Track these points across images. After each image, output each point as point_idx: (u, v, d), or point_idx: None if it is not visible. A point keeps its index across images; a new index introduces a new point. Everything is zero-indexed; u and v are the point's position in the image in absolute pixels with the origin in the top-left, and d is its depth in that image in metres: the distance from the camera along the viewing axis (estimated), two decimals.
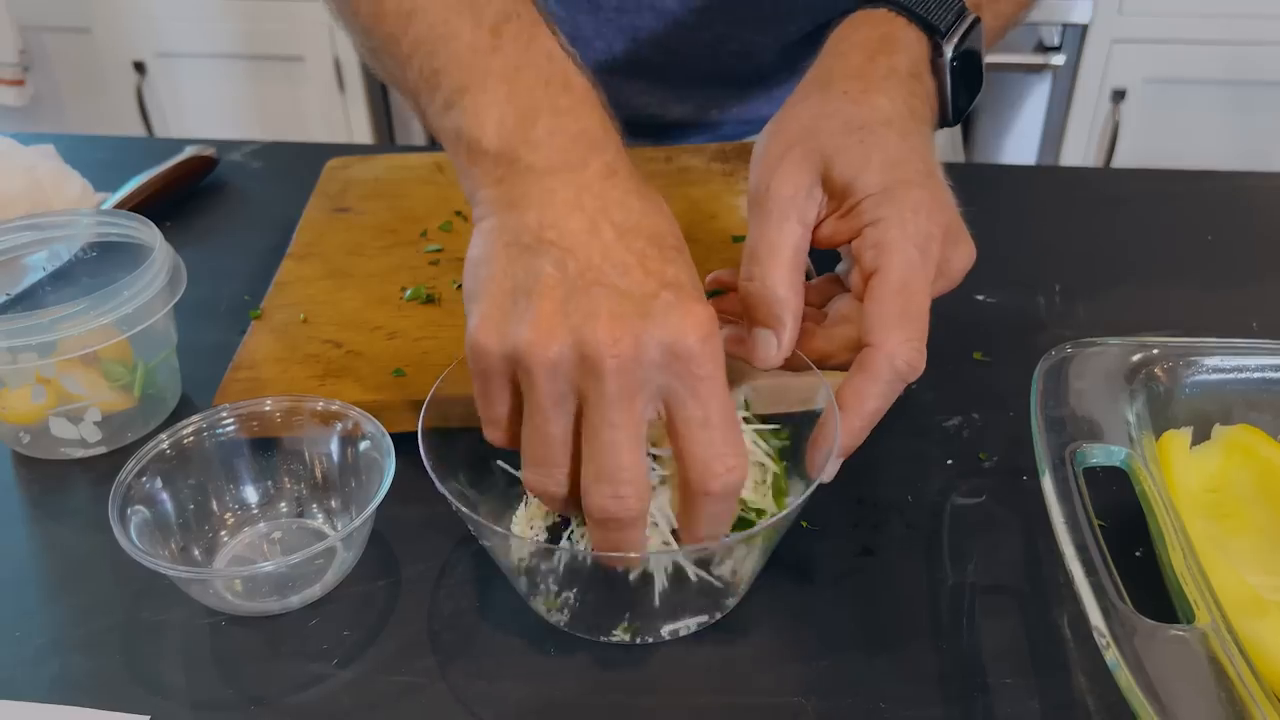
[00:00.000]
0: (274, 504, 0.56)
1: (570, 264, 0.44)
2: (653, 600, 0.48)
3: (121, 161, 0.91)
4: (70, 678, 0.49)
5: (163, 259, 0.61)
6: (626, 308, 0.43)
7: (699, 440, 0.43)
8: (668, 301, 0.43)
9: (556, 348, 0.42)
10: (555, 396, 0.43)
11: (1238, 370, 0.55)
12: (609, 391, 0.42)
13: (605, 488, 0.43)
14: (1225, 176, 0.90)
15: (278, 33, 2.14)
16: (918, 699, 0.47)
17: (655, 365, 0.43)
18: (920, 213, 0.50)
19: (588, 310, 0.43)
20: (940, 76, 0.57)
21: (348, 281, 0.71)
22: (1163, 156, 1.95)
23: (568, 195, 0.45)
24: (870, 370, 0.48)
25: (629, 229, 0.45)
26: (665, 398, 0.44)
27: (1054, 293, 0.74)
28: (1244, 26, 1.85)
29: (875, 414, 0.49)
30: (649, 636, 0.50)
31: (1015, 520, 0.56)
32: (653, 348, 0.42)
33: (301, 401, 0.56)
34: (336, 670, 0.49)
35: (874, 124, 0.53)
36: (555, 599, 0.49)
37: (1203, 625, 0.41)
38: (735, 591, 0.51)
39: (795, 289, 0.51)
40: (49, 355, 0.57)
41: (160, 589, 0.52)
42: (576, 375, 0.43)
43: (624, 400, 0.43)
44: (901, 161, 0.52)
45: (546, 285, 0.44)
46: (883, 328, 0.48)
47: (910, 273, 0.49)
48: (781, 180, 0.52)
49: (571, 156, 0.46)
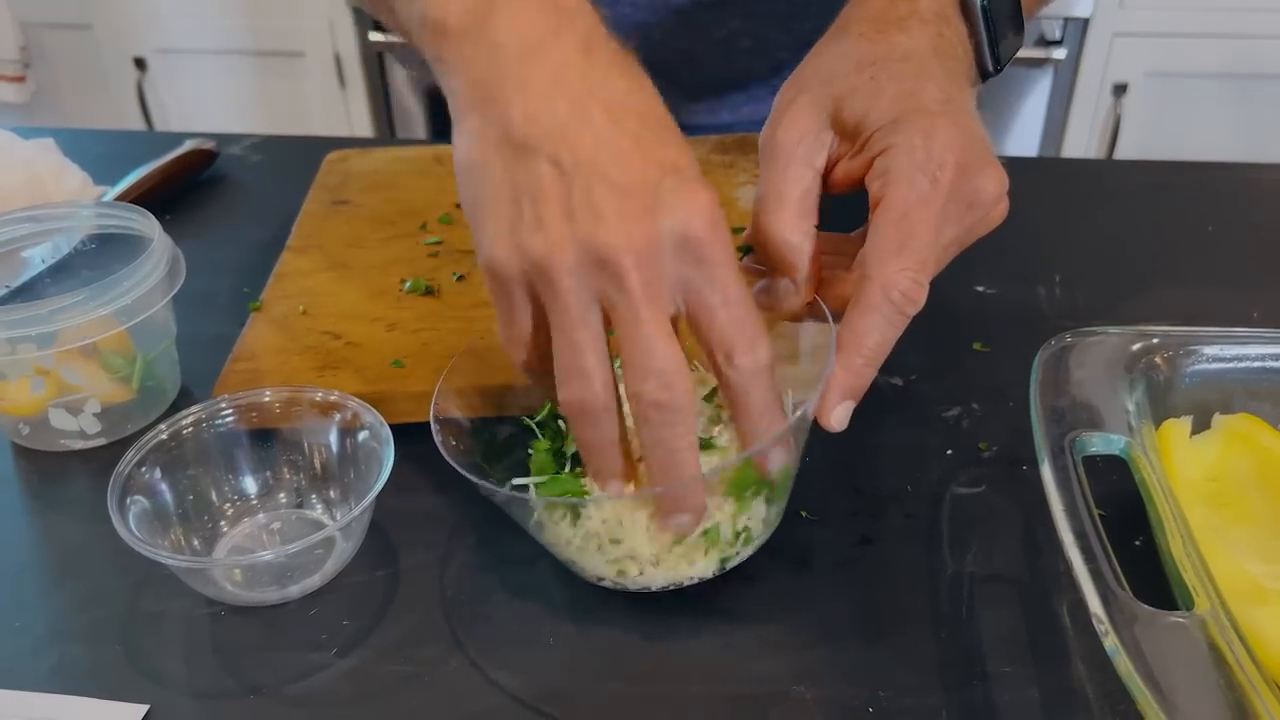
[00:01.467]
0: (273, 494, 0.56)
1: (565, 158, 0.42)
2: None
3: (121, 155, 0.91)
4: (70, 667, 0.49)
5: (161, 250, 0.61)
6: (632, 204, 0.42)
7: (721, 320, 0.43)
8: (671, 189, 0.42)
9: (573, 255, 0.42)
10: (581, 303, 0.43)
11: (1238, 359, 0.55)
12: (634, 290, 0.42)
13: (652, 382, 0.42)
14: (1226, 168, 0.90)
15: (278, 28, 2.14)
16: (916, 687, 0.47)
17: (671, 257, 0.42)
18: (932, 139, 0.48)
19: (594, 211, 0.41)
20: (972, 19, 0.55)
21: (347, 273, 0.71)
22: (1164, 150, 1.95)
23: (545, 79, 0.43)
24: (864, 303, 0.47)
25: (618, 108, 0.43)
26: (684, 287, 0.43)
27: (1054, 283, 0.74)
28: (1245, 20, 1.84)
29: (877, 350, 0.47)
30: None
31: (1014, 510, 0.56)
32: (666, 241, 0.42)
33: (300, 392, 0.56)
34: (336, 660, 0.49)
35: (888, 60, 0.51)
36: None
37: (1202, 612, 0.41)
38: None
39: (805, 233, 0.50)
40: (48, 346, 0.57)
41: (160, 579, 0.53)
42: (597, 280, 0.42)
43: (649, 296, 0.42)
44: (916, 91, 0.50)
45: (547, 188, 0.42)
46: (878, 258, 0.47)
47: (914, 202, 0.48)
48: (787, 126, 0.51)
49: (541, 27, 0.44)
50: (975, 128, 0.50)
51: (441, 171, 0.83)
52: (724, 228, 0.43)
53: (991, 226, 0.51)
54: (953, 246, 0.50)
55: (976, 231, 0.51)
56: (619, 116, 0.43)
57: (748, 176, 0.81)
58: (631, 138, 0.43)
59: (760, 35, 0.88)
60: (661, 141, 0.44)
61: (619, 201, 0.41)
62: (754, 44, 0.89)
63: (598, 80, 0.44)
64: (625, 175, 0.42)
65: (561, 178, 0.42)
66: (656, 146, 0.43)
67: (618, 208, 0.41)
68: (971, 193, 0.49)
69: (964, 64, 0.55)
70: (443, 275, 0.71)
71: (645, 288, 0.42)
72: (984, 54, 0.56)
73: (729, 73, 0.92)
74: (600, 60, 0.44)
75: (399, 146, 0.88)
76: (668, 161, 0.43)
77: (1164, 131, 1.96)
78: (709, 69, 0.92)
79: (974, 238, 0.51)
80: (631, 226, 0.41)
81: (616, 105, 0.43)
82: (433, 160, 0.85)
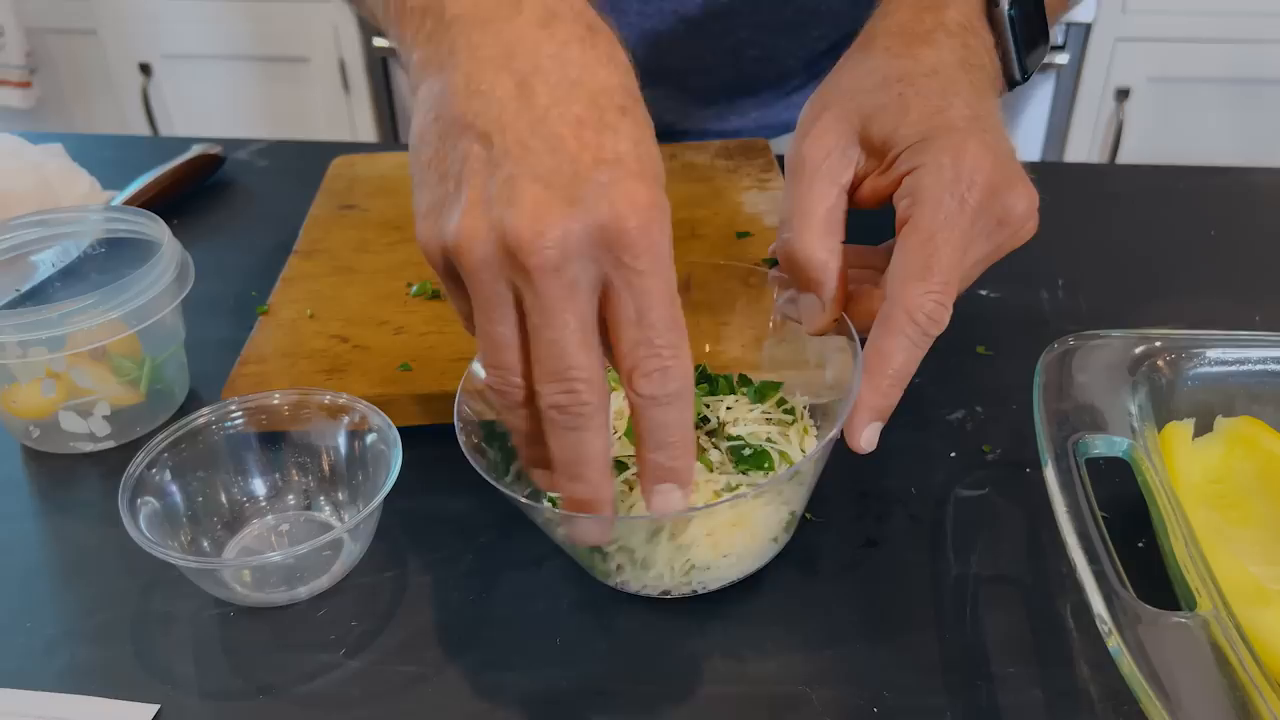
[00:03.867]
0: (282, 496, 0.57)
1: (496, 140, 0.39)
2: None
3: (128, 160, 0.91)
4: (81, 668, 0.49)
5: (171, 254, 0.61)
6: (553, 194, 0.38)
7: (631, 336, 0.40)
8: (600, 183, 0.39)
9: (480, 244, 0.39)
10: (493, 295, 0.40)
11: (1240, 363, 0.55)
12: (541, 289, 0.39)
13: (554, 385, 0.40)
14: (1228, 172, 0.91)
15: (283, 34, 2.14)
16: (921, 688, 0.47)
17: (587, 256, 0.39)
18: (961, 159, 0.48)
19: (510, 197, 0.38)
20: (999, 29, 0.55)
21: (354, 277, 0.72)
22: (1167, 155, 1.95)
23: (495, 51, 0.40)
24: (889, 325, 0.47)
25: (566, 89, 0.40)
26: (602, 288, 0.40)
27: (1057, 287, 0.74)
28: (1247, 25, 1.85)
29: (902, 370, 0.47)
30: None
31: (1018, 512, 0.56)
32: (580, 237, 0.38)
33: (309, 395, 0.56)
34: (344, 660, 0.49)
35: (915, 75, 0.51)
36: None
37: (1204, 612, 0.42)
38: None
39: (831, 250, 0.50)
40: (59, 350, 0.58)
41: (169, 580, 0.53)
42: (509, 272, 0.39)
43: (560, 297, 0.39)
44: (943, 109, 0.50)
45: (471, 169, 0.39)
46: (902, 280, 0.47)
47: (940, 223, 0.47)
48: (813, 143, 0.51)
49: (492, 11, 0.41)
50: (1004, 144, 0.50)
51: None
52: (657, 230, 0.39)
53: (1020, 242, 0.51)
54: (981, 264, 0.51)
55: (1006, 248, 0.51)
56: (566, 99, 0.40)
57: (752, 181, 0.81)
58: (573, 123, 0.39)
59: (768, 44, 0.89)
60: (608, 128, 0.40)
61: (539, 191, 0.38)
62: (762, 52, 0.89)
63: (550, 55, 0.40)
64: (552, 162, 0.39)
65: (489, 159, 0.39)
66: (600, 134, 0.40)
67: (535, 197, 0.38)
68: (1002, 211, 0.49)
69: (990, 74, 0.55)
70: None
71: (555, 288, 0.39)
72: (1011, 63, 0.56)
73: (738, 80, 0.92)
74: (560, 32, 0.41)
75: (405, 152, 0.89)
76: (608, 152, 0.39)
77: (1167, 136, 1.97)
78: (718, 76, 0.92)
79: (1003, 254, 0.51)
80: (545, 219, 0.38)
81: (566, 85, 0.40)
82: None
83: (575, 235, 0.38)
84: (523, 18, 0.41)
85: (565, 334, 0.40)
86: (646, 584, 0.49)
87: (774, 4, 0.86)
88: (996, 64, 0.55)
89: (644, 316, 0.40)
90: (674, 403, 0.41)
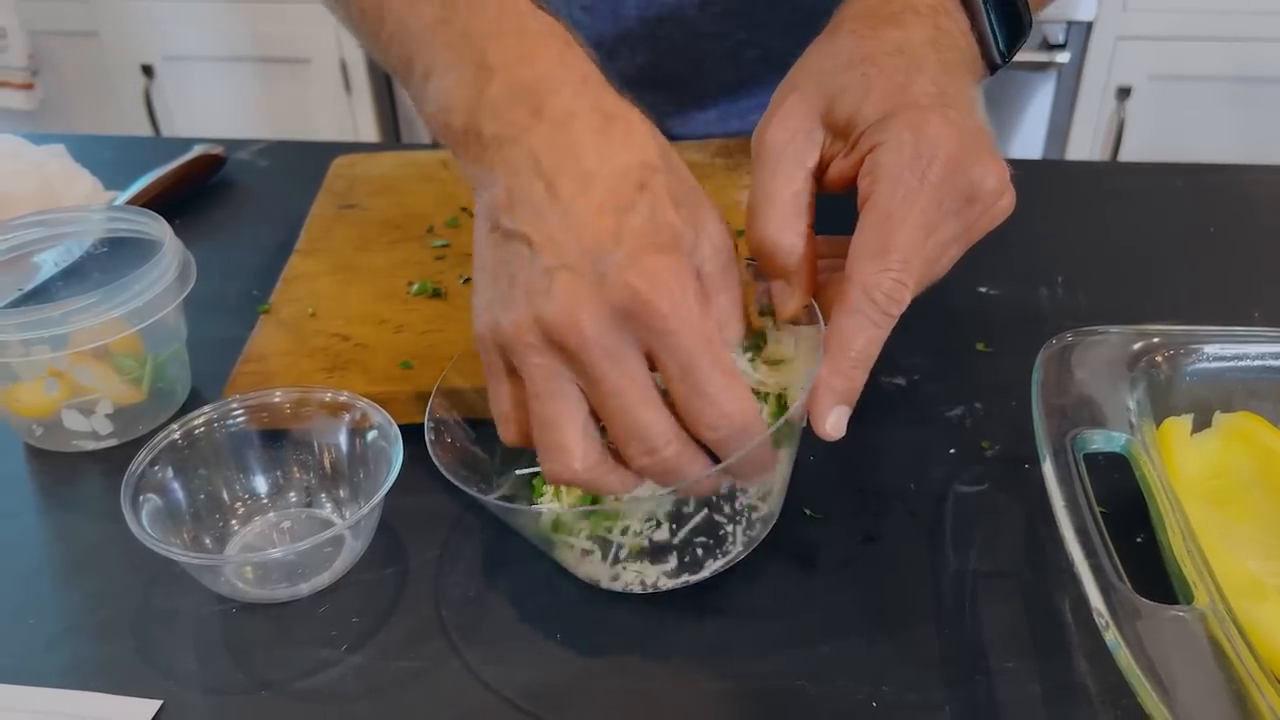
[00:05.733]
0: (283, 494, 0.57)
1: (535, 239, 0.43)
2: None
3: (130, 160, 0.92)
4: (83, 664, 0.50)
5: (172, 253, 0.62)
6: (581, 280, 0.42)
7: (680, 394, 0.43)
8: (618, 262, 0.42)
9: (529, 332, 0.43)
10: (548, 378, 0.44)
11: (1238, 358, 0.56)
12: (591, 364, 0.42)
13: (636, 446, 0.43)
14: (1227, 170, 0.91)
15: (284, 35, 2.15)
16: (919, 682, 0.47)
17: (620, 328, 0.42)
18: (921, 134, 0.47)
19: (548, 289, 0.42)
20: (973, 10, 0.54)
21: (355, 276, 0.72)
22: (1168, 153, 1.95)
23: (525, 161, 0.44)
24: (847, 305, 0.46)
25: (585, 181, 0.44)
26: (648, 350, 0.43)
27: (1056, 284, 0.75)
28: (1248, 23, 1.85)
29: (863, 352, 0.46)
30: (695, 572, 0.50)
31: (1017, 508, 0.56)
32: (610, 314, 0.42)
33: (310, 393, 0.56)
34: (346, 655, 0.49)
35: (879, 55, 0.50)
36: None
37: (1202, 606, 0.42)
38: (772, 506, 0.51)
39: (797, 233, 0.49)
40: (61, 349, 0.58)
41: (171, 577, 0.53)
42: (560, 356, 0.43)
43: (610, 367, 0.42)
44: (906, 86, 0.49)
45: (520, 266, 0.44)
46: (860, 259, 0.46)
47: (899, 200, 0.46)
48: (777, 126, 0.51)
49: (522, 114, 0.45)
50: (970, 121, 0.49)
51: (448, 176, 0.84)
52: (676, 291, 0.42)
53: (997, 221, 0.50)
54: (954, 243, 0.49)
55: (980, 227, 0.50)
56: (585, 189, 0.44)
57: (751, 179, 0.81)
58: (594, 210, 0.43)
59: (767, 45, 0.89)
60: (625, 209, 0.43)
61: (570, 279, 0.42)
62: (761, 54, 0.89)
63: (569, 151, 0.44)
64: (578, 249, 0.43)
65: (531, 256, 0.43)
66: (618, 216, 0.43)
67: (566, 284, 0.42)
68: (968, 187, 0.48)
69: (966, 56, 0.54)
70: (449, 278, 0.71)
71: (602, 360, 0.42)
72: (989, 45, 0.55)
73: (737, 82, 0.93)
74: (578, 127, 0.45)
75: (406, 151, 0.89)
76: (626, 228, 0.43)
77: (1167, 134, 1.97)
78: (717, 79, 0.92)
79: (979, 233, 0.50)
80: (573, 302, 0.42)
81: (584, 178, 0.44)
82: (439, 165, 0.86)
83: (605, 313, 0.42)
84: (544, 125, 0.45)
85: (626, 400, 0.43)
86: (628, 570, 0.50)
87: (772, 5, 0.86)
88: (973, 45, 0.54)
89: (687, 372, 0.43)
90: (741, 435, 0.44)
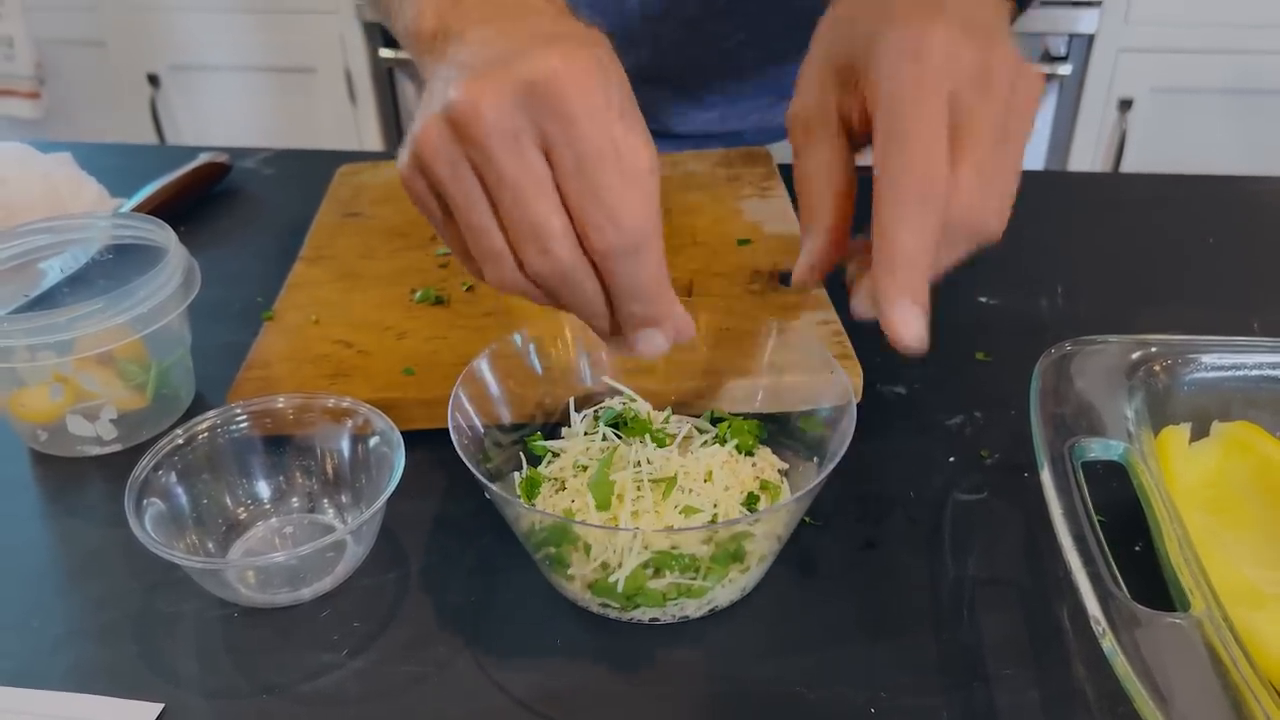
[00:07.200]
0: (286, 499, 0.57)
1: (461, 55, 0.43)
2: None
3: (135, 168, 0.92)
4: (86, 667, 0.50)
5: (177, 260, 0.62)
6: (487, 72, 0.41)
7: (572, 193, 0.41)
8: (540, 46, 0.41)
9: (434, 130, 0.42)
10: (461, 180, 0.42)
11: (1235, 368, 0.56)
12: (488, 149, 0.41)
13: (530, 246, 0.42)
14: (1227, 181, 0.91)
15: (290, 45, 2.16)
16: (918, 688, 0.47)
17: (521, 109, 0.40)
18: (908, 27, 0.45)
19: (452, 83, 0.41)
20: None
21: (358, 284, 0.73)
22: (1169, 164, 1.96)
23: (481, 34, 0.44)
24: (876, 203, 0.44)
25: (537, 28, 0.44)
26: (544, 144, 0.41)
27: (1056, 294, 0.75)
28: (1249, 36, 1.86)
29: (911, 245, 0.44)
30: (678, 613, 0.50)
31: (1016, 516, 0.57)
32: (512, 90, 0.40)
33: (313, 399, 0.57)
34: (347, 660, 0.50)
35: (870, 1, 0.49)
36: None
37: (1198, 613, 0.42)
38: None
39: (827, 182, 0.49)
40: (66, 354, 0.58)
41: (174, 581, 0.53)
42: (460, 148, 0.42)
43: (509, 158, 0.41)
44: (887, 7, 0.47)
45: (436, 86, 0.43)
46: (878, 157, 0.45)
47: (903, 87, 0.45)
48: (794, 104, 0.51)
49: (490, 12, 0.45)
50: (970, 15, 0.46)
51: None
52: (592, 81, 0.41)
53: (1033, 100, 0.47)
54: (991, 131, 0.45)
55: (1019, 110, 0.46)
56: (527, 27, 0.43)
57: (753, 190, 0.82)
58: (528, 31, 0.43)
59: (766, 45, 0.89)
60: (557, 25, 0.44)
61: (476, 73, 0.41)
62: (761, 54, 0.90)
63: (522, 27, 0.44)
64: (499, 44, 0.42)
65: (450, 68, 0.43)
66: (549, 27, 0.43)
67: (472, 76, 0.41)
68: (979, 68, 0.45)
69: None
70: (452, 285, 0.72)
71: (499, 145, 0.40)
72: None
73: (737, 81, 0.93)
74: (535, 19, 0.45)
75: None
76: (549, 31, 0.42)
77: (1169, 145, 1.97)
78: (717, 78, 0.93)
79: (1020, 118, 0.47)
80: (478, 88, 0.40)
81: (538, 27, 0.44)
82: None
83: (507, 97, 0.40)
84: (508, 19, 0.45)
85: (521, 191, 0.41)
86: None
87: (772, 6, 0.87)
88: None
89: (582, 166, 0.40)
90: (633, 254, 0.42)
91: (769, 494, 0.53)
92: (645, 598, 0.48)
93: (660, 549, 0.47)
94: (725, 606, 0.51)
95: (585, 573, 0.49)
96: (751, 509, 0.52)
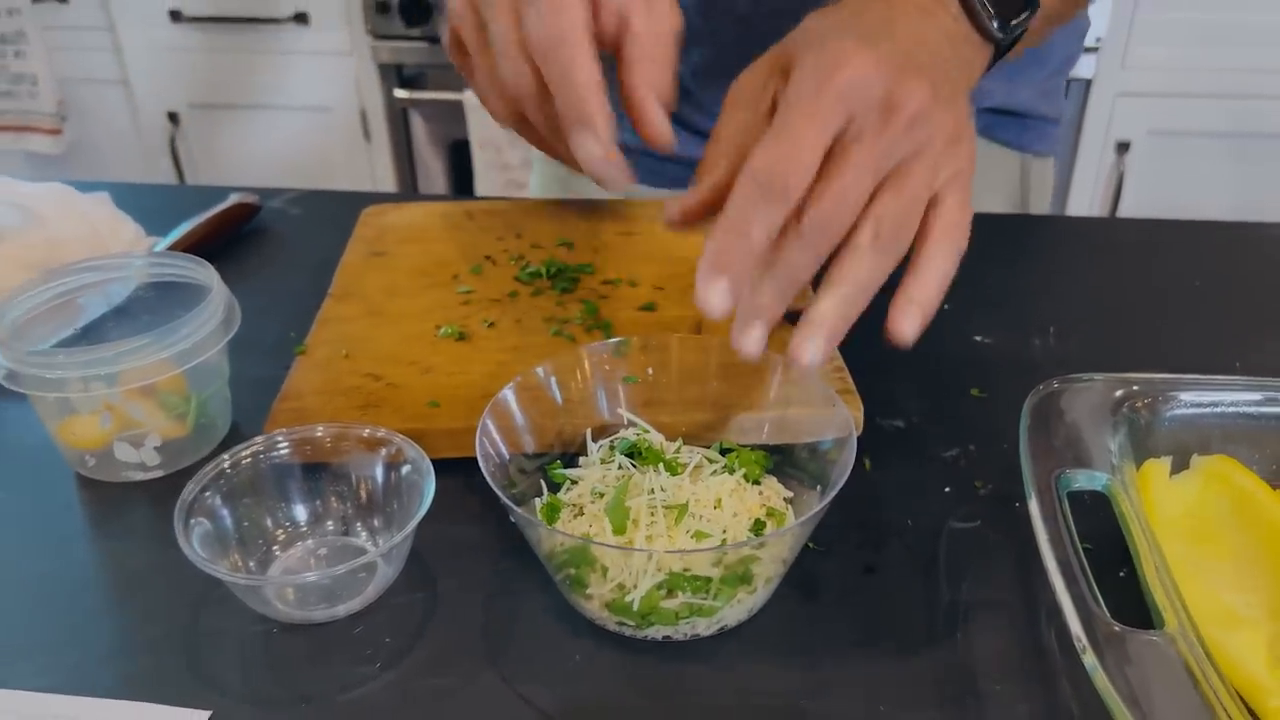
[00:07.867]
0: (321, 522, 0.61)
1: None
2: None
3: (167, 208, 0.96)
4: (136, 677, 0.53)
5: (219, 298, 0.66)
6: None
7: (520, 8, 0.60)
8: None
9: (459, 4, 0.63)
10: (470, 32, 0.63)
11: (1214, 405, 0.59)
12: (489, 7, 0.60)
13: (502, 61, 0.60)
14: (1216, 226, 0.95)
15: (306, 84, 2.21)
16: (914, 702, 0.51)
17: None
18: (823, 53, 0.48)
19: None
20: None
21: (385, 320, 0.76)
22: (1166, 206, 2.00)
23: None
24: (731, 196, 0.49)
25: None
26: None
27: (1048, 335, 0.79)
28: (1245, 81, 1.89)
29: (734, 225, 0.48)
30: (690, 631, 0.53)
31: (1007, 544, 0.60)
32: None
33: (349, 428, 0.60)
34: (380, 673, 0.53)
35: (840, 9, 0.53)
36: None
37: (1171, 630, 0.45)
38: None
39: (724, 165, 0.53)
40: (113, 386, 0.62)
41: (216, 599, 0.57)
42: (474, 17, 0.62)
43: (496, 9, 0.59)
44: (872, 29, 0.50)
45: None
46: None
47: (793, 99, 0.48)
48: (740, 78, 0.55)
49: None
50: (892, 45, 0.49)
51: (473, 226, 0.89)
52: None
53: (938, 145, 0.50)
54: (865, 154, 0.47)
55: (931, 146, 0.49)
56: None
57: None
58: None
59: None
60: None
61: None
62: None
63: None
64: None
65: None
66: None
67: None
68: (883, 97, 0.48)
69: (946, 14, 0.54)
70: (474, 322, 0.76)
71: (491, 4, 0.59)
72: (979, 15, 0.55)
73: None
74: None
75: (432, 202, 0.94)
76: None
77: (1166, 188, 2.01)
78: None
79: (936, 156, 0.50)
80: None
81: None
82: (464, 215, 0.90)
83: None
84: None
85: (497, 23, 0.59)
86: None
87: (817, 6, 0.90)
88: (961, 13, 0.55)
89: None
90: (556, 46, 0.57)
91: (775, 520, 0.57)
92: (659, 616, 0.52)
93: (673, 570, 0.51)
94: (734, 625, 0.54)
95: (603, 593, 0.52)
96: (758, 534, 0.55)
